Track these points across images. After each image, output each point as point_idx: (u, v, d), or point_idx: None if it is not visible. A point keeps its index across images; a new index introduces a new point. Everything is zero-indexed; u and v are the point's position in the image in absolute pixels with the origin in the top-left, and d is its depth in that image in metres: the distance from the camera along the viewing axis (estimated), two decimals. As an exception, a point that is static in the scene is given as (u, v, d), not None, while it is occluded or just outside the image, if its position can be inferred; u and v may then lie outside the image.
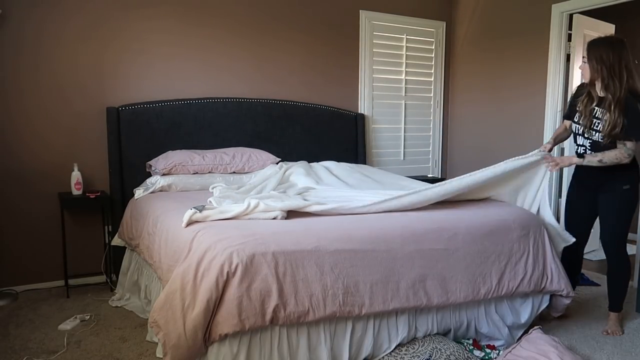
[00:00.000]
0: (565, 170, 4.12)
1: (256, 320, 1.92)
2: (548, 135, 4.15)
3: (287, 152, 4.05)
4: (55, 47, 3.39)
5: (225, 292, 1.91)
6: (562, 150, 4.15)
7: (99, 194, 3.40)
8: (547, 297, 2.74)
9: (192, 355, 1.90)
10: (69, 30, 3.41)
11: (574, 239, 2.82)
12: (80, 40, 3.45)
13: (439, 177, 5.02)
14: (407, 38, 4.72)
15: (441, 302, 2.31)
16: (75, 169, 3.37)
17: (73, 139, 3.48)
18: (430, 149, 5.05)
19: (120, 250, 3.44)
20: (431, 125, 5.02)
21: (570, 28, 4.02)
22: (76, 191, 3.35)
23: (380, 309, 2.16)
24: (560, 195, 4.23)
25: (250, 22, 4.01)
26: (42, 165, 3.40)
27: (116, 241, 3.42)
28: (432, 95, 4.98)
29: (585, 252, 4.40)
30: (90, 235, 3.57)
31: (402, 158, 4.87)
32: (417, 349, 2.28)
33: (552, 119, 4.11)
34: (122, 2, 3.54)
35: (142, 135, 3.57)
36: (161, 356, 2.02)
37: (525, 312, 2.67)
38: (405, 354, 2.25)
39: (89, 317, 2.95)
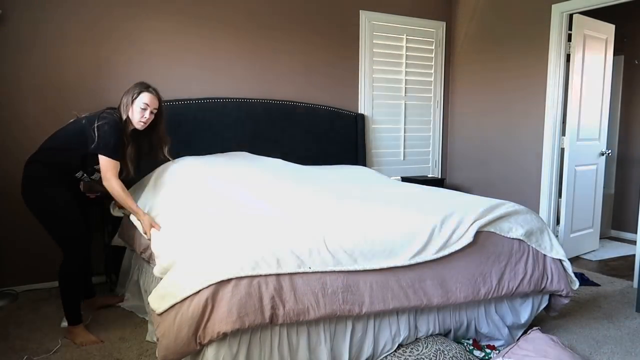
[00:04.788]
0: (565, 170, 4.12)
1: (256, 317, 1.91)
2: (548, 135, 4.15)
3: (287, 152, 4.04)
4: (55, 47, 3.39)
5: (224, 290, 1.91)
6: (562, 150, 4.16)
7: (98, 194, 3.38)
8: (546, 297, 2.74)
9: (181, 351, 1.90)
10: (68, 29, 3.41)
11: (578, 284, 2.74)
12: (80, 39, 3.45)
13: (439, 177, 5.03)
14: (407, 38, 4.73)
15: (441, 302, 2.31)
16: (76, 169, 3.37)
17: (73, 139, 3.48)
18: (430, 149, 5.05)
19: (121, 250, 3.43)
20: (431, 126, 5.02)
21: (570, 28, 4.02)
22: (76, 191, 3.35)
23: (381, 308, 2.16)
24: (560, 195, 4.23)
25: (249, 23, 4.01)
26: (42, 165, 3.40)
27: (116, 241, 3.41)
28: (432, 95, 4.98)
29: (585, 252, 4.44)
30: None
31: (402, 158, 4.87)
32: (421, 350, 2.28)
33: (552, 119, 4.11)
34: (121, 2, 3.55)
35: (142, 135, 3.56)
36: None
37: (525, 312, 2.67)
38: (409, 356, 2.25)
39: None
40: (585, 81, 4.14)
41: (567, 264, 2.68)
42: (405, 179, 4.62)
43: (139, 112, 2.69)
